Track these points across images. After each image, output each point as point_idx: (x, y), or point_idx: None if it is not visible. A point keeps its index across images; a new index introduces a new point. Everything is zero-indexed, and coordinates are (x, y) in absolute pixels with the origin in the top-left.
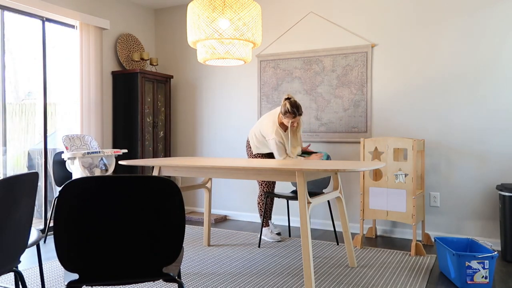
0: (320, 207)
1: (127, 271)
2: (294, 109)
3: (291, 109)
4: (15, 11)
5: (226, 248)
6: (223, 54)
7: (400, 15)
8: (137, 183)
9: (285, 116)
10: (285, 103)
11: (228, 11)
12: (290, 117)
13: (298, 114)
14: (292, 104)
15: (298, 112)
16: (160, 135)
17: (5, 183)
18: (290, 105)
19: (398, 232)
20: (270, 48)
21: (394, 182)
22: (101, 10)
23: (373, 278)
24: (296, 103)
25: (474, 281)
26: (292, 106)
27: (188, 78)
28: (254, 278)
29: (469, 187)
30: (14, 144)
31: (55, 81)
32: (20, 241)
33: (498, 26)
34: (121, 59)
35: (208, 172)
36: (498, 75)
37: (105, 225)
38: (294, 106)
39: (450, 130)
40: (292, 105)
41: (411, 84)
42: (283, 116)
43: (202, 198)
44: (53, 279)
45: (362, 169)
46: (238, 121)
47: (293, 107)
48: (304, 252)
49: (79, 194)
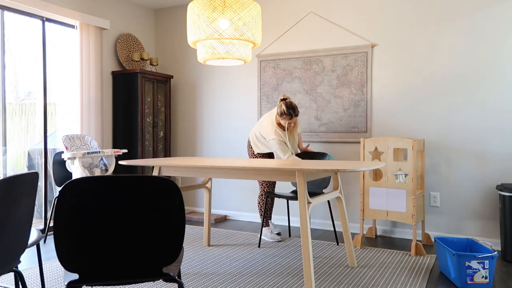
0: (320, 207)
1: (127, 271)
2: (290, 110)
3: (287, 110)
4: (15, 11)
5: (226, 248)
6: (223, 54)
7: (400, 15)
8: (137, 183)
9: (282, 117)
10: (280, 104)
11: (228, 11)
12: (287, 119)
13: (294, 115)
14: (287, 105)
15: (294, 113)
16: (160, 135)
17: (5, 183)
18: (286, 106)
19: (398, 232)
20: (270, 48)
21: (394, 182)
22: (101, 10)
23: (373, 278)
24: (291, 104)
25: (474, 281)
26: (288, 108)
27: (188, 78)
28: (254, 278)
29: (469, 187)
30: (14, 144)
31: (55, 81)
32: (20, 241)
33: (498, 26)
34: (121, 59)
35: (208, 172)
36: (498, 75)
37: (105, 225)
38: (290, 107)
39: (450, 130)
40: (288, 107)
41: (411, 84)
42: (279, 117)
43: (202, 198)
44: (53, 279)
45: (362, 169)
46: (238, 121)
47: (289, 108)
48: (304, 252)
49: (79, 194)
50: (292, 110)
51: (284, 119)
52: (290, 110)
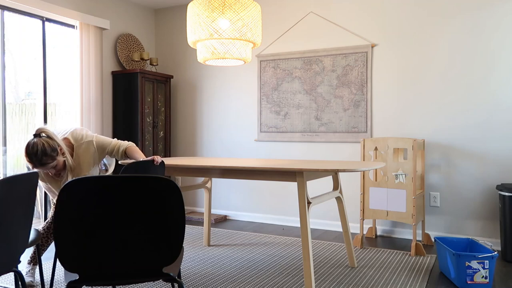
0: (320, 207)
1: (127, 271)
2: (32, 156)
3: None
4: (15, 11)
5: (226, 248)
6: (223, 54)
7: (400, 15)
8: (137, 183)
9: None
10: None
11: (228, 11)
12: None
13: (39, 165)
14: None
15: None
16: (160, 135)
17: (5, 183)
18: (26, 148)
19: (398, 232)
20: (270, 48)
21: (394, 182)
22: (101, 10)
23: (373, 278)
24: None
25: (474, 281)
26: (27, 152)
27: (188, 78)
28: (254, 278)
29: (469, 187)
30: (14, 144)
31: (55, 81)
32: (20, 241)
33: (498, 26)
34: (121, 59)
35: (208, 172)
36: (498, 75)
37: (105, 225)
38: (32, 153)
39: (450, 130)
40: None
41: (411, 84)
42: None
43: (202, 198)
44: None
45: (362, 169)
46: (238, 121)
47: (29, 154)
48: (304, 252)
49: (79, 194)
50: (35, 157)
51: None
52: (32, 156)
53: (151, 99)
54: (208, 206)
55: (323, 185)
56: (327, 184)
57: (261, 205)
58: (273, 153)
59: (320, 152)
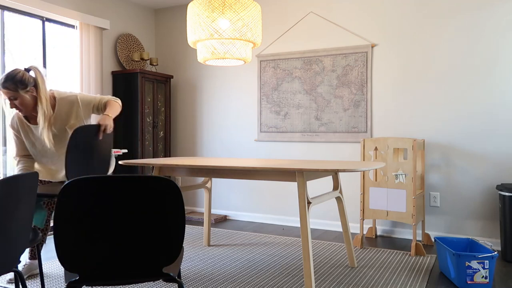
0: (320, 207)
1: (127, 271)
2: (3, 77)
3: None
4: (15, 11)
5: (226, 248)
6: (223, 54)
7: (400, 15)
8: (137, 183)
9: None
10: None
11: (228, 11)
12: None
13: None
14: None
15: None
16: (160, 135)
17: (5, 183)
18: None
19: (398, 232)
20: (270, 48)
21: (394, 182)
22: (101, 10)
23: (373, 278)
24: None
25: (474, 281)
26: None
27: (188, 78)
28: (254, 278)
29: (469, 187)
30: None
31: (55, 81)
32: (20, 241)
33: (498, 26)
34: (121, 59)
35: (208, 172)
36: (498, 75)
37: (105, 225)
38: (4, 74)
39: (450, 130)
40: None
41: (411, 84)
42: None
43: (202, 198)
44: (53, 279)
45: (362, 169)
46: (238, 121)
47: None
48: (304, 252)
49: (79, 194)
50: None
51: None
52: (3, 77)
53: (151, 99)
54: (208, 206)
55: (323, 185)
56: (327, 184)
57: (261, 205)
58: (273, 153)
59: (320, 152)
